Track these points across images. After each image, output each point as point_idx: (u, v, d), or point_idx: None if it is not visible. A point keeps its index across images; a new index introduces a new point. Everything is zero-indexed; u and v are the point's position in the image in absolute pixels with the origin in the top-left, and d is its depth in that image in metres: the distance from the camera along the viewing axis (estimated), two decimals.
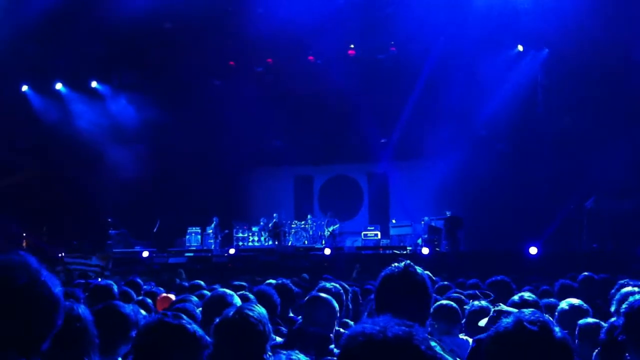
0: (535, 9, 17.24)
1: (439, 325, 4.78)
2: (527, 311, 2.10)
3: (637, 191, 16.77)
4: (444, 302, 4.99)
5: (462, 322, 4.82)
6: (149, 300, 6.04)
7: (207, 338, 2.57)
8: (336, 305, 4.38)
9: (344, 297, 5.04)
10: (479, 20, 17.25)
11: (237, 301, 4.26)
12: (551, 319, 2.12)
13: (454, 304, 4.93)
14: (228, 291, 4.44)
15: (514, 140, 19.77)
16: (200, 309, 4.46)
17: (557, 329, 2.00)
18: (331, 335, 4.31)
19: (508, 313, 3.79)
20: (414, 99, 19.74)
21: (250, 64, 21.11)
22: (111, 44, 20.30)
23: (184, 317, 2.61)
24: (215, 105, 21.73)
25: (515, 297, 4.70)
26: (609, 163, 16.64)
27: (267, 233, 21.22)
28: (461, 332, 4.83)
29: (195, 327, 2.54)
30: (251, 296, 4.88)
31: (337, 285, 5.08)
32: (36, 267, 1.98)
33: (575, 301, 4.71)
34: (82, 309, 2.99)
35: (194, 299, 5.50)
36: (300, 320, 4.46)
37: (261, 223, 21.69)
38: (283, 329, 4.79)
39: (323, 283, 5.14)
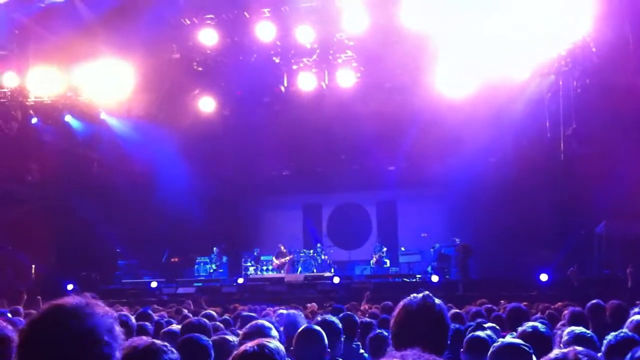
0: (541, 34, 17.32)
1: (470, 357, 4.73)
2: (580, 347, 2.27)
3: None
4: (477, 334, 4.94)
5: None
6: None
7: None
8: (325, 338, 4.38)
9: (340, 327, 5.03)
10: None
11: (275, 333, 4.36)
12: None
13: (486, 337, 4.87)
14: (266, 323, 4.55)
15: (522, 166, 19.72)
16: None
17: None
18: None
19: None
20: (422, 126, 19.73)
21: (257, 93, 21.20)
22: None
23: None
24: (223, 134, 21.86)
25: (526, 327, 4.60)
26: (619, 187, 16.56)
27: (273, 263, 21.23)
28: None
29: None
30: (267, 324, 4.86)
31: (333, 318, 5.08)
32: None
33: (578, 329, 4.63)
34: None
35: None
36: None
37: (255, 253, 21.73)
38: None
39: (322, 316, 5.14)
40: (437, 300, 2.87)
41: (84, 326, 1.90)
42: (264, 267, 21.47)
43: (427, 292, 2.89)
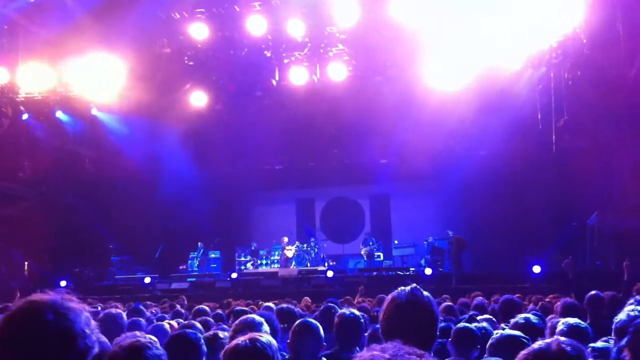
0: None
1: (457, 349, 4.74)
2: (563, 338, 2.30)
3: None
4: (462, 325, 4.94)
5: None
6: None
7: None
8: (320, 331, 4.37)
9: (362, 320, 5.01)
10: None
11: (266, 328, 4.34)
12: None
13: (473, 328, 4.87)
14: (257, 317, 4.52)
15: (514, 159, 19.74)
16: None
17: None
18: None
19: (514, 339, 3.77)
20: (414, 119, 19.72)
21: (249, 87, 21.13)
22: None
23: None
24: (216, 129, 21.80)
25: (519, 319, 4.60)
26: (611, 180, 16.61)
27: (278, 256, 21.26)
28: (481, 356, 4.73)
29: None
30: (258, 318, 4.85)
31: (355, 311, 5.07)
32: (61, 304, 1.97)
33: (574, 321, 4.62)
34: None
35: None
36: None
37: (252, 247, 21.71)
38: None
39: (342, 309, 5.11)
40: (425, 293, 2.84)
41: (63, 321, 1.90)
42: (261, 262, 21.44)
43: (415, 285, 2.87)
